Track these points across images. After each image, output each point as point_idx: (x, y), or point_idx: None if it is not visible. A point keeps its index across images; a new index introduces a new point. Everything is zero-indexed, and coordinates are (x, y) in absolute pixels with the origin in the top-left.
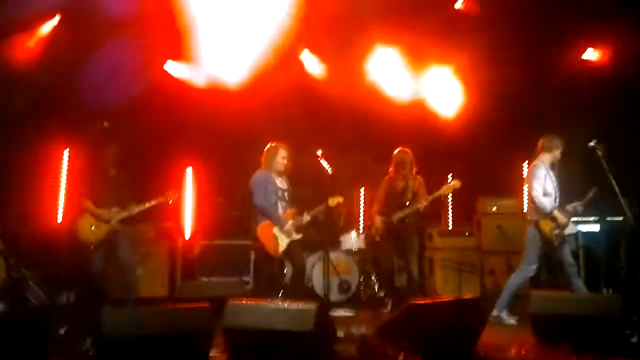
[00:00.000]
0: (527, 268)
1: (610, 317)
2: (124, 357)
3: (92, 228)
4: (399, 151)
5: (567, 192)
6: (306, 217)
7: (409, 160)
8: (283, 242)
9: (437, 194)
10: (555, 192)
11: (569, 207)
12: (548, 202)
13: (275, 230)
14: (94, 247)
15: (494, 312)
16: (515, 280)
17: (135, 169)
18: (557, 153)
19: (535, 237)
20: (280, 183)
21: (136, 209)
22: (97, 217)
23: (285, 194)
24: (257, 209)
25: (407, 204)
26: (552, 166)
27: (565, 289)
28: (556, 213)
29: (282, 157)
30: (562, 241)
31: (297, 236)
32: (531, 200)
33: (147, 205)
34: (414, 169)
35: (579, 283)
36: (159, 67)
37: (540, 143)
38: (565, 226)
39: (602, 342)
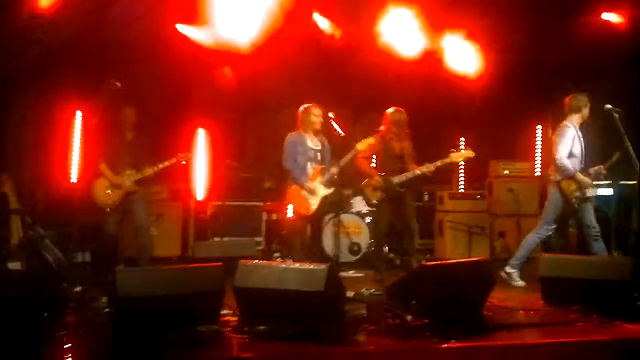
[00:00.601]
0: (545, 228)
1: (620, 280)
2: (137, 316)
3: (108, 191)
4: (395, 110)
5: (590, 153)
6: (334, 169)
7: (404, 121)
8: (314, 201)
9: (446, 160)
10: (582, 154)
11: (593, 169)
12: (571, 164)
13: (304, 192)
14: (110, 210)
15: (507, 269)
16: (531, 239)
17: (149, 131)
18: (585, 112)
19: (557, 197)
20: (313, 143)
21: (150, 171)
22: (111, 182)
23: (318, 154)
24: (286, 172)
25: (407, 168)
26: (581, 126)
27: (575, 254)
28: (578, 175)
29: (315, 116)
30: (583, 203)
31: (326, 192)
32: (555, 161)
33: (161, 166)
34: (407, 131)
35: (598, 246)
36: (171, 27)
37: (567, 103)
38: (586, 188)
39: (611, 306)
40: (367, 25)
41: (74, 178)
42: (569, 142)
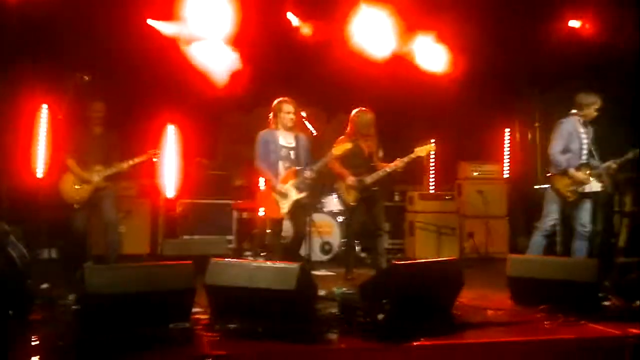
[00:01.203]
0: (544, 222)
1: (585, 281)
2: (106, 314)
3: (76, 187)
4: (360, 111)
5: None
6: (309, 174)
7: (370, 121)
8: (284, 205)
9: (412, 156)
10: (582, 151)
11: (603, 165)
12: (564, 160)
13: (275, 193)
14: (78, 206)
15: None
16: (534, 238)
17: (117, 126)
18: (588, 111)
19: (550, 192)
20: (286, 140)
21: (120, 167)
22: (79, 178)
23: (291, 152)
24: (258, 172)
25: (377, 167)
26: (585, 124)
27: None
28: (571, 171)
29: (286, 112)
30: (580, 198)
31: (298, 196)
32: (548, 156)
33: (131, 162)
34: (373, 130)
35: (579, 245)
36: (142, 21)
37: (574, 99)
38: (582, 183)
39: (577, 306)
40: (339, 24)
41: (39, 173)
42: (563, 138)
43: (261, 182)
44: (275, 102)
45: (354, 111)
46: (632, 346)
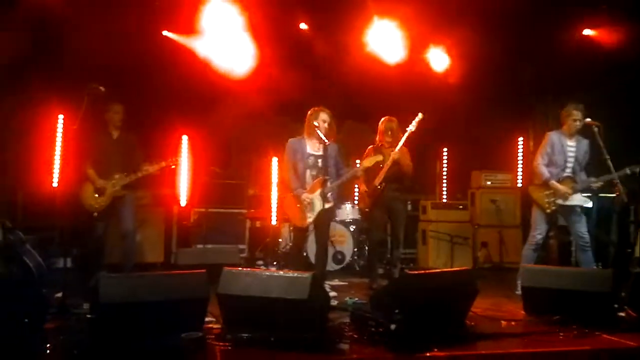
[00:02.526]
0: (532, 234)
1: (600, 291)
2: (120, 322)
3: (96, 196)
4: (386, 120)
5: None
6: (334, 185)
7: (396, 129)
8: (310, 214)
9: (405, 135)
10: (566, 164)
11: (588, 180)
12: (546, 171)
13: (300, 203)
14: (98, 215)
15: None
16: (525, 251)
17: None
18: (573, 123)
19: (535, 205)
20: (314, 149)
21: (138, 175)
22: (98, 187)
23: (319, 160)
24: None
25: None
26: (575, 137)
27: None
28: (552, 183)
29: (321, 121)
30: (563, 210)
31: (324, 206)
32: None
33: (150, 170)
34: (400, 137)
35: (585, 256)
36: (158, 33)
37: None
38: (562, 196)
39: (592, 316)
40: (351, 34)
41: (55, 182)
42: (546, 150)
43: (288, 190)
44: (312, 110)
45: (381, 120)
46: None
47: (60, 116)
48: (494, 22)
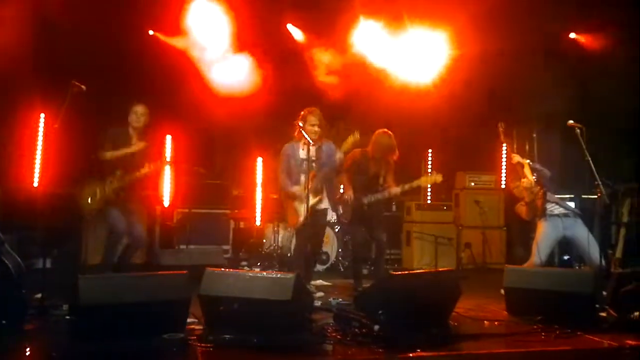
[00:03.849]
0: None
1: (581, 292)
2: (100, 324)
3: (89, 200)
4: (383, 134)
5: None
6: (318, 178)
7: (390, 146)
8: (302, 210)
9: (415, 184)
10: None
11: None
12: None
13: (296, 203)
14: (89, 217)
15: None
16: None
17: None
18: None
19: None
20: (305, 153)
21: (129, 178)
22: (92, 189)
23: (313, 164)
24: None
25: (380, 189)
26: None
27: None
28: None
29: (310, 125)
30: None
31: (312, 200)
32: None
33: (142, 172)
34: (391, 155)
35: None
36: (143, 32)
37: None
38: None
39: (573, 317)
40: (339, 36)
41: (36, 182)
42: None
43: (283, 194)
44: (302, 112)
45: (377, 131)
46: (629, 358)
47: (42, 115)
48: (480, 24)
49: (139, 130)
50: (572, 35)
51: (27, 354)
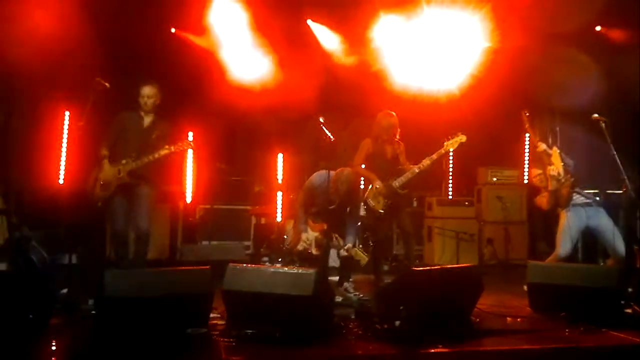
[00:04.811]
0: None
1: (607, 288)
2: (125, 318)
3: (101, 183)
4: (385, 114)
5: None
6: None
7: (395, 124)
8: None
9: (442, 151)
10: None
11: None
12: None
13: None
14: (102, 204)
15: None
16: None
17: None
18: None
19: None
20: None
21: (146, 160)
22: (104, 172)
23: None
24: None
25: (402, 170)
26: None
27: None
28: None
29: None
30: None
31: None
32: None
33: (162, 153)
34: (397, 133)
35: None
36: (166, 30)
37: None
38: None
39: (598, 313)
40: (358, 30)
41: (61, 179)
42: None
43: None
44: (380, 115)
45: (379, 114)
46: None
47: (67, 113)
48: (502, 16)
49: (150, 112)
50: (598, 28)
51: (53, 348)
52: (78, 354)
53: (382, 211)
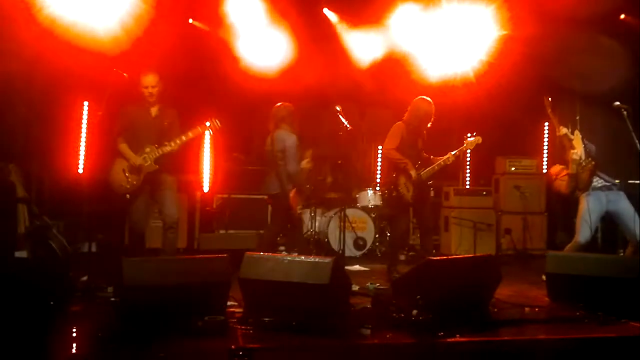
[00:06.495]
0: None
1: (626, 278)
2: (143, 306)
3: (127, 174)
4: (423, 101)
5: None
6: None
7: (432, 113)
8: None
9: (463, 148)
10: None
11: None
12: None
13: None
14: (130, 196)
15: None
16: None
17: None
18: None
19: None
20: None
21: (172, 146)
22: (130, 163)
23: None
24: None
25: (428, 162)
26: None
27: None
28: None
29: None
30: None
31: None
32: None
33: (184, 138)
34: (428, 124)
35: None
36: (183, 21)
37: None
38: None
39: (617, 303)
40: (377, 18)
41: (81, 169)
42: None
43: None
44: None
45: (417, 98)
46: None
47: (85, 103)
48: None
49: (155, 102)
50: (622, 16)
51: (74, 334)
52: (98, 340)
53: (411, 201)
